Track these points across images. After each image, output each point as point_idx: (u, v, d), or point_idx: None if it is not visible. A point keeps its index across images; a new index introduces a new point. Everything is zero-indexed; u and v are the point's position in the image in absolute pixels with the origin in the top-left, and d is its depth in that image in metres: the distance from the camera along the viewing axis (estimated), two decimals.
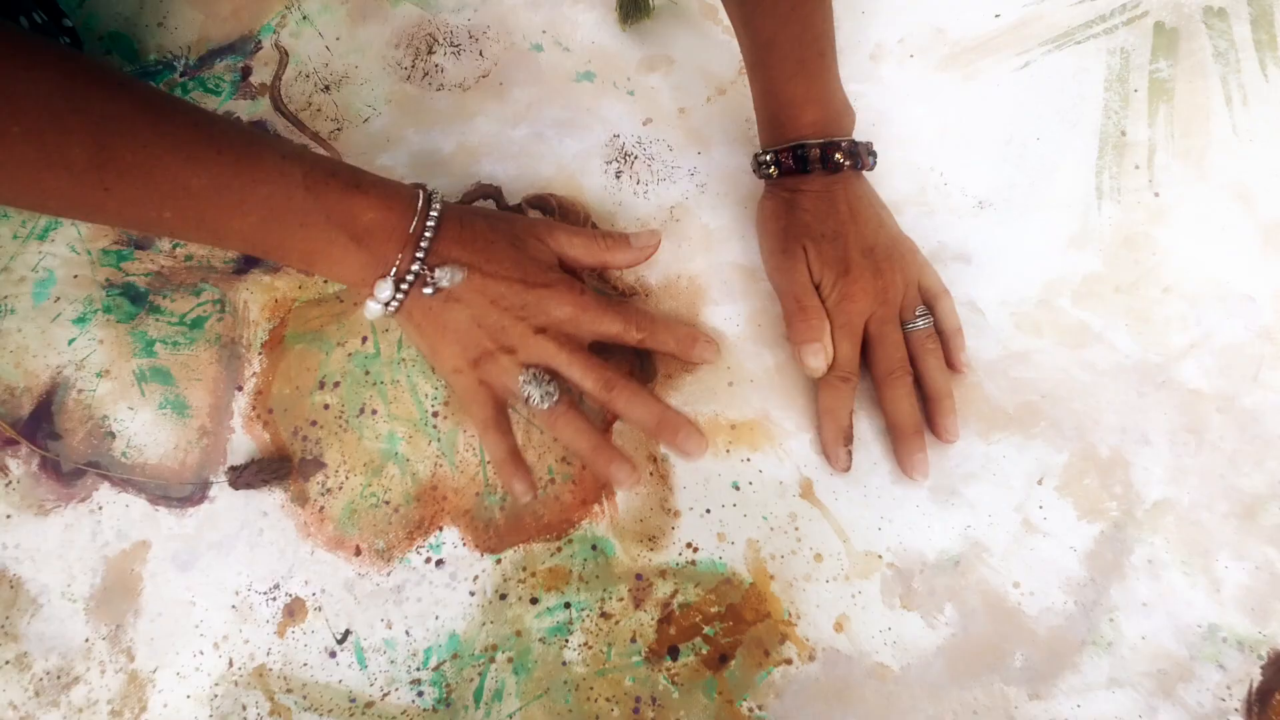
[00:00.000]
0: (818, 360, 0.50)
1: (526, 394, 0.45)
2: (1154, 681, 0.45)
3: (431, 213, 0.45)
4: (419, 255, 0.44)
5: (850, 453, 0.50)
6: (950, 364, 0.51)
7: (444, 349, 0.46)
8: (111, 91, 0.39)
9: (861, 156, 0.52)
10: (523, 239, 0.47)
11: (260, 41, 0.62)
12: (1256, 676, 0.45)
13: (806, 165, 0.51)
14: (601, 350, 0.50)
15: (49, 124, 0.36)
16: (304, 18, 0.62)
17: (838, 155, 0.51)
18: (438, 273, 0.44)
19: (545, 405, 0.46)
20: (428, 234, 0.44)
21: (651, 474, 0.49)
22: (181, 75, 0.60)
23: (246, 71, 0.60)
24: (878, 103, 0.59)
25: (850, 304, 0.50)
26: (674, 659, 0.46)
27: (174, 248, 0.55)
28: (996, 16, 0.61)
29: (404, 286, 0.44)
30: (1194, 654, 0.45)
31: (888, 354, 0.50)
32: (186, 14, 0.63)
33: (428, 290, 0.45)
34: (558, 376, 0.46)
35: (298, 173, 0.42)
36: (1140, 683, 0.45)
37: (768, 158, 0.52)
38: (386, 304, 0.45)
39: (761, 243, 0.55)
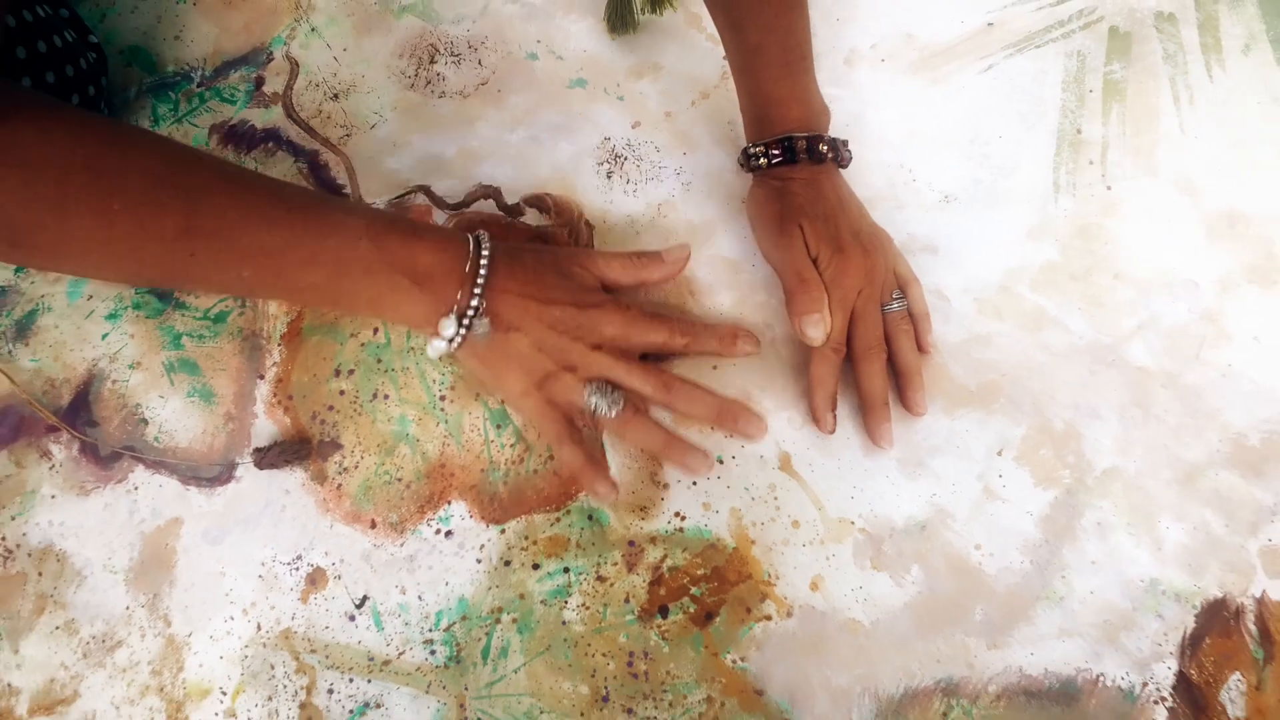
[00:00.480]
0: (818, 331, 0.53)
1: (594, 405, 0.50)
2: (1100, 631, 0.50)
3: (484, 252, 0.49)
4: (476, 291, 0.48)
5: (836, 417, 0.54)
6: (919, 345, 0.56)
7: (509, 376, 0.50)
8: (194, 166, 0.44)
9: (840, 151, 0.57)
10: (567, 267, 0.52)
11: (272, 53, 0.66)
12: (1190, 624, 0.49)
13: (794, 156, 0.55)
14: None
15: (144, 200, 0.41)
16: (312, 30, 0.67)
17: (822, 146, 0.55)
18: (474, 324, 0.48)
19: (613, 413, 0.50)
20: (482, 271, 0.48)
21: (642, 450, 0.54)
22: (199, 86, 0.65)
23: (260, 81, 0.65)
24: (852, 105, 0.64)
25: (845, 279, 0.54)
26: (664, 617, 0.51)
27: None
28: (989, 25, 0.65)
29: (466, 322, 0.48)
30: (1136, 606, 0.50)
31: (867, 331, 0.54)
32: (201, 27, 0.67)
33: (479, 332, 0.49)
34: (619, 387, 0.51)
35: (360, 226, 0.47)
36: (1088, 632, 0.50)
37: (758, 150, 0.57)
38: (451, 340, 0.48)
39: (757, 227, 0.59)
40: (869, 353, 0.54)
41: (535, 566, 0.52)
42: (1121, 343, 0.56)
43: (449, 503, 0.53)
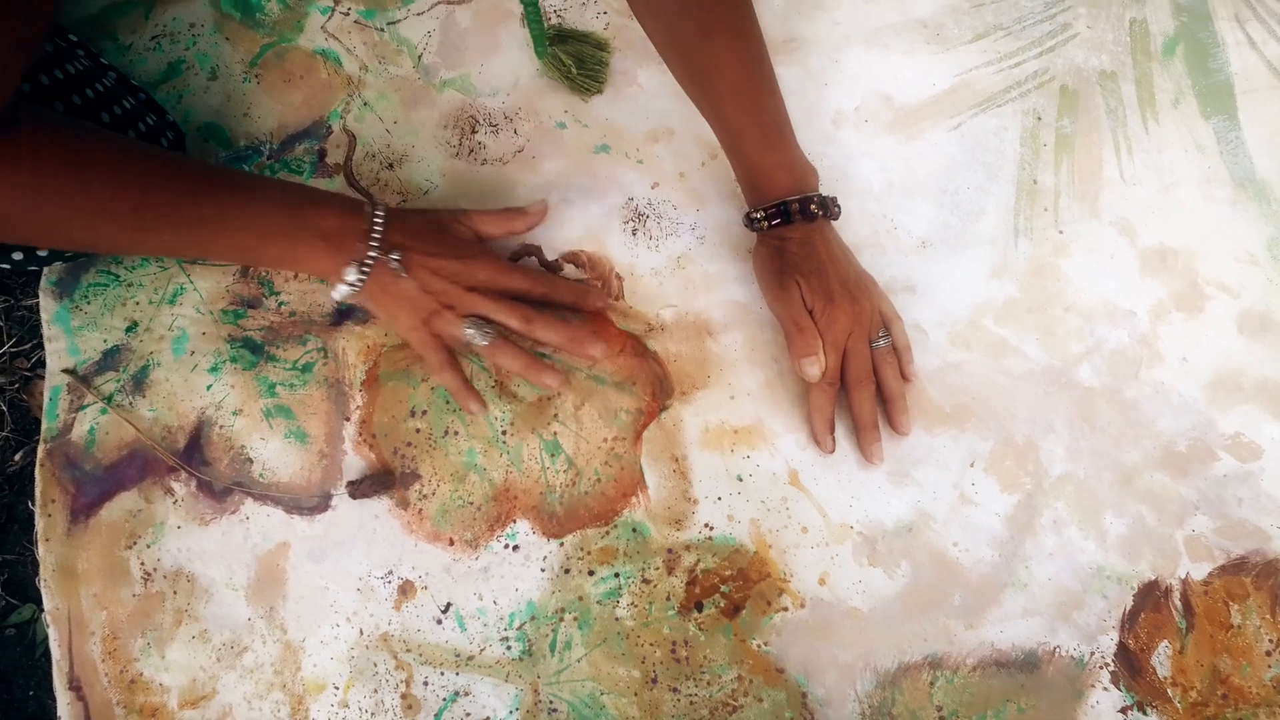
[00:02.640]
0: (814, 369, 0.61)
1: (469, 337, 0.58)
2: (1056, 610, 0.58)
3: (377, 214, 0.57)
4: (373, 243, 0.57)
5: (834, 439, 0.62)
6: (903, 374, 0.64)
7: (400, 314, 0.59)
8: (144, 158, 0.54)
9: (830, 207, 0.63)
10: (447, 224, 0.61)
11: (330, 126, 0.72)
12: (1129, 602, 0.58)
13: (790, 218, 0.61)
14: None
15: (104, 189, 0.51)
16: (365, 104, 0.73)
17: (813, 207, 0.61)
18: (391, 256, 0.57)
19: (485, 341, 0.59)
20: (377, 229, 0.57)
21: (674, 471, 0.62)
22: (268, 158, 0.71)
23: (322, 154, 0.71)
24: (839, 160, 0.70)
25: (836, 325, 0.61)
26: (700, 611, 0.59)
27: (279, 305, 0.66)
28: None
29: (365, 269, 0.56)
30: (1085, 588, 0.59)
31: (858, 365, 0.62)
32: (265, 104, 0.73)
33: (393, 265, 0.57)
34: (491, 322, 0.59)
35: (279, 197, 0.57)
36: (1046, 611, 0.58)
37: (758, 215, 0.62)
38: (353, 284, 0.57)
39: (760, 281, 0.65)
40: (859, 384, 0.62)
41: (590, 573, 0.60)
42: (1071, 366, 0.64)
43: (514, 521, 0.61)
